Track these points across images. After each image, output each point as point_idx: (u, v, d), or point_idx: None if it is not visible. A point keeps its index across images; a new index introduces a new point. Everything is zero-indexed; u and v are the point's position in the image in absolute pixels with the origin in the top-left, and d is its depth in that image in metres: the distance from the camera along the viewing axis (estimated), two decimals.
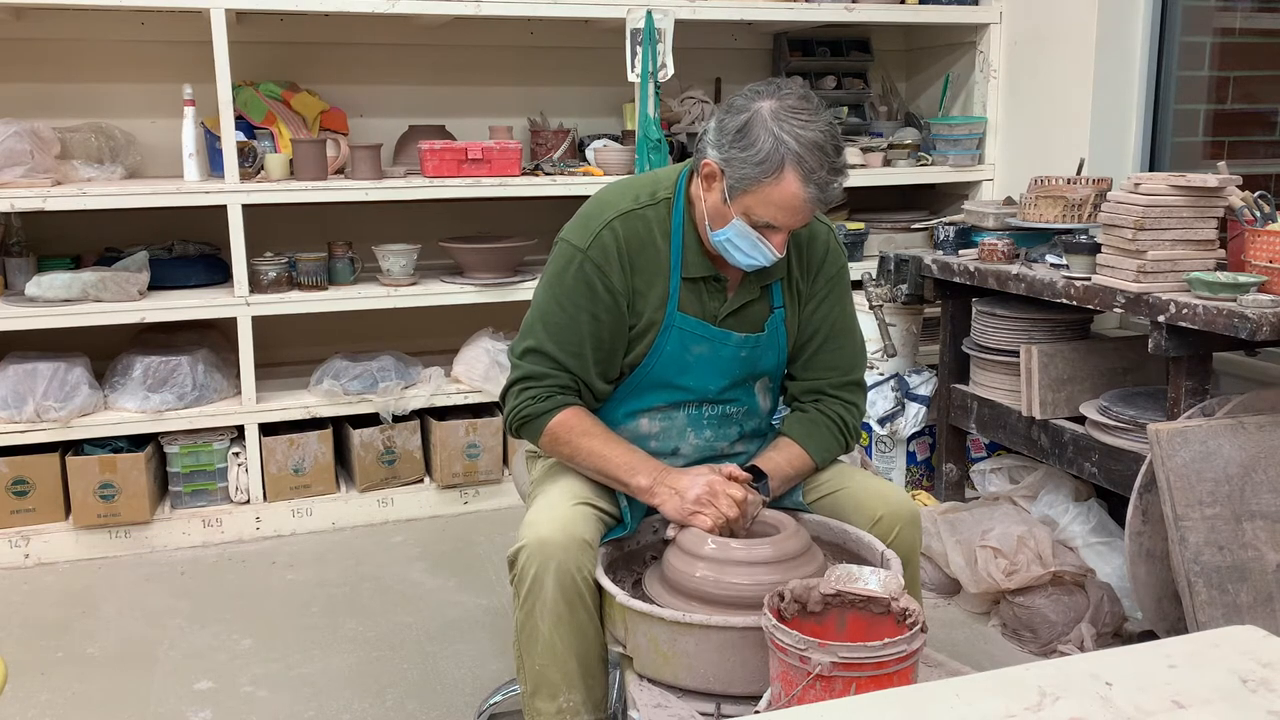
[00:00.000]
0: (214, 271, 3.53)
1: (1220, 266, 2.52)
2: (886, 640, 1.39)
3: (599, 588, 1.72)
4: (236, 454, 3.38)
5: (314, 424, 3.45)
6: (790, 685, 1.42)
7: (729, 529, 1.75)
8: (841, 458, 2.02)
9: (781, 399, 2.06)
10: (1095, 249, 2.65)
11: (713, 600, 1.65)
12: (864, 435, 3.53)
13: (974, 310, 3.21)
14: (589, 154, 3.75)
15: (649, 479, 1.79)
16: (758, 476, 1.85)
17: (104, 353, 3.43)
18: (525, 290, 3.52)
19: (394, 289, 3.47)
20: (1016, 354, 2.94)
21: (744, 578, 1.65)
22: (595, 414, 1.90)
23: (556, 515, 1.75)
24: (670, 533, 1.77)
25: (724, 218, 1.78)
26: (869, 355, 3.45)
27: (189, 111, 3.32)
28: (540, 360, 1.85)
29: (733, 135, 1.73)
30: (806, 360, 1.97)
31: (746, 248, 1.79)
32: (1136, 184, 2.52)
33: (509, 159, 3.49)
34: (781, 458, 1.89)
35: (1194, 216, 2.49)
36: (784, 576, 1.61)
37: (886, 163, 3.97)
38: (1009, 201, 3.34)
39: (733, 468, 1.81)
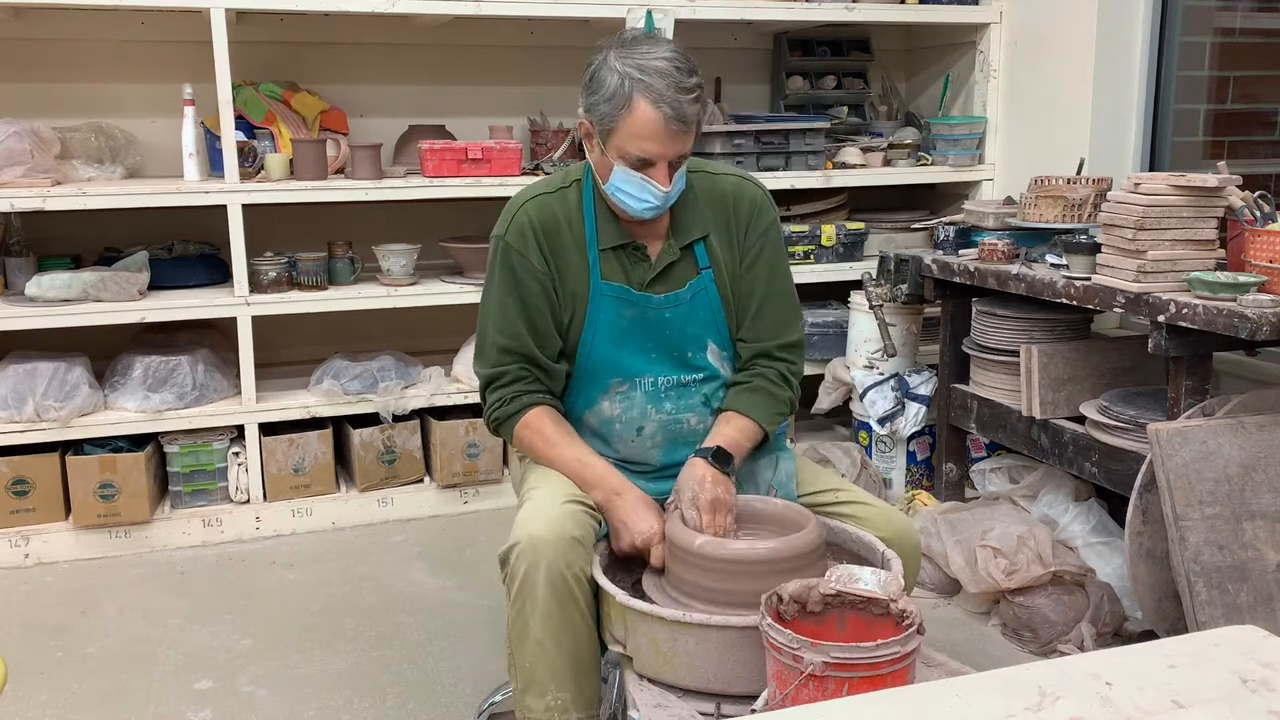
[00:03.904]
0: (214, 271, 3.53)
1: (1220, 266, 2.52)
2: (880, 641, 1.39)
3: (597, 588, 1.72)
4: (236, 454, 3.38)
5: (314, 424, 3.45)
6: (784, 685, 1.42)
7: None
8: (842, 474, 2.03)
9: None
10: (1095, 249, 2.65)
11: (711, 601, 1.65)
12: (864, 435, 3.53)
13: (974, 310, 3.21)
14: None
15: (602, 495, 1.86)
16: (723, 459, 1.86)
17: (104, 353, 3.43)
18: None
19: (394, 289, 3.47)
20: (1016, 354, 2.94)
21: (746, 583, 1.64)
22: (562, 400, 1.97)
23: (547, 514, 1.76)
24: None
25: (607, 168, 1.86)
26: (869, 354, 3.49)
27: (189, 111, 3.32)
28: (494, 352, 1.94)
29: (586, 85, 1.85)
30: (749, 323, 2.01)
31: (634, 190, 1.85)
32: (1136, 184, 2.52)
33: (509, 159, 3.49)
34: (734, 431, 1.93)
35: (1194, 216, 2.49)
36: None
37: (886, 163, 3.97)
38: (1009, 201, 3.34)
39: (668, 529, 1.78)
